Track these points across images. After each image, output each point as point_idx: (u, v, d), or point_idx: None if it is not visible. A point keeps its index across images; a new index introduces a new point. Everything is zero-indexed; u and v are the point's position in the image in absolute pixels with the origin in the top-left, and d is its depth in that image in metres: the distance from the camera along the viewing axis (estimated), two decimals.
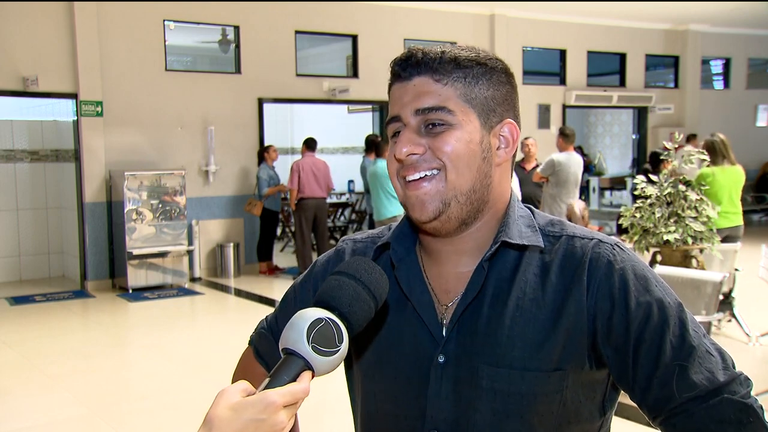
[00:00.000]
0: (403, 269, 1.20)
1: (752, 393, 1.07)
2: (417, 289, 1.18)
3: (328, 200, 10.35)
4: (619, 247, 1.14)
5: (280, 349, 0.96)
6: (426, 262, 1.21)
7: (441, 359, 1.14)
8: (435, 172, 1.11)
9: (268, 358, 1.32)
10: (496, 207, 1.17)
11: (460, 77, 1.12)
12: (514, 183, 7.59)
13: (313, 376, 0.95)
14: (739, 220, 6.54)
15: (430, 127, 1.11)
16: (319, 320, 0.95)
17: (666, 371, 1.05)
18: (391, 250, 1.21)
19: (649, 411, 1.09)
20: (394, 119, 1.15)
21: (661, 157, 6.11)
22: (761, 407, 1.06)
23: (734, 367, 1.08)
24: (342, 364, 1.19)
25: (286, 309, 1.33)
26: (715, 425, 1.03)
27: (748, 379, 1.08)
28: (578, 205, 7.15)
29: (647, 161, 9.81)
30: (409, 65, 1.13)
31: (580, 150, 16.11)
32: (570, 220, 6.93)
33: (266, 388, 0.91)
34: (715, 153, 6.38)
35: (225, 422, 0.89)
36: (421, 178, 1.12)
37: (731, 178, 6.44)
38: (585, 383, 1.12)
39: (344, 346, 0.96)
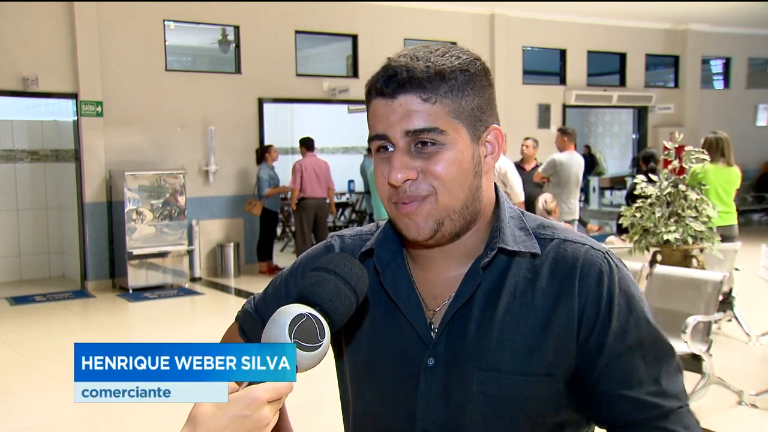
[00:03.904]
0: (388, 274, 1.19)
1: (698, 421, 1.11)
2: (404, 293, 1.18)
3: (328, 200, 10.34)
4: (609, 255, 1.14)
5: None
6: (413, 267, 1.20)
7: (430, 362, 1.14)
8: (426, 196, 1.09)
9: (251, 336, 1.34)
10: (486, 213, 1.16)
11: (447, 91, 1.07)
12: (518, 184, 7.56)
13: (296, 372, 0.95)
14: (732, 220, 6.51)
15: (421, 146, 1.08)
16: (300, 316, 0.96)
17: (625, 387, 1.08)
18: (375, 257, 1.20)
19: (600, 423, 1.13)
20: (379, 137, 1.11)
21: (662, 157, 6.10)
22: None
23: (687, 397, 1.12)
24: (331, 357, 1.19)
25: (272, 295, 1.34)
26: None
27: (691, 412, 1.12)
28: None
29: (641, 162, 9.71)
30: (393, 83, 1.08)
31: (588, 149, 16.15)
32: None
33: (250, 383, 0.92)
34: (713, 151, 6.37)
35: (209, 419, 0.89)
36: (414, 201, 1.10)
37: (724, 178, 6.41)
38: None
39: (326, 341, 0.97)
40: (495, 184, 1.21)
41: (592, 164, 15.64)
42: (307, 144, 9.46)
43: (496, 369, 1.10)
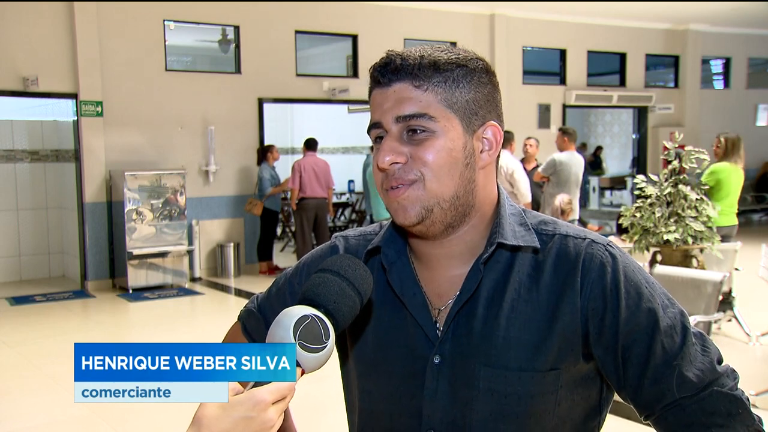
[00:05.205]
0: (394, 272, 1.20)
1: (739, 385, 1.10)
2: (410, 291, 1.18)
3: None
4: (611, 246, 1.14)
5: None
6: (417, 266, 1.21)
7: (437, 360, 1.14)
8: (414, 181, 1.10)
9: (254, 335, 1.34)
10: (484, 209, 1.16)
11: (441, 82, 1.10)
12: (525, 185, 7.54)
13: (302, 373, 0.95)
14: (735, 219, 6.54)
15: (412, 133, 1.10)
16: (305, 317, 0.96)
17: (656, 372, 1.08)
18: (382, 255, 1.21)
19: (641, 409, 1.12)
20: (375, 125, 1.13)
21: (661, 157, 6.10)
22: (748, 399, 1.10)
23: (722, 362, 1.11)
24: (336, 359, 1.19)
25: (276, 294, 1.34)
26: (705, 417, 1.06)
27: (735, 371, 1.11)
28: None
29: None
30: (388, 71, 1.11)
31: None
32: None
33: (254, 385, 0.92)
34: (735, 150, 6.37)
35: (214, 421, 0.89)
36: (402, 186, 1.11)
37: (737, 179, 6.44)
38: (579, 382, 1.13)
39: (331, 342, 0.97)
40: (498, 184, 1.21)
41: (597, 165, 15.67)
42: (308, 144, 9.47)
43: (503, 366, 1.11)
